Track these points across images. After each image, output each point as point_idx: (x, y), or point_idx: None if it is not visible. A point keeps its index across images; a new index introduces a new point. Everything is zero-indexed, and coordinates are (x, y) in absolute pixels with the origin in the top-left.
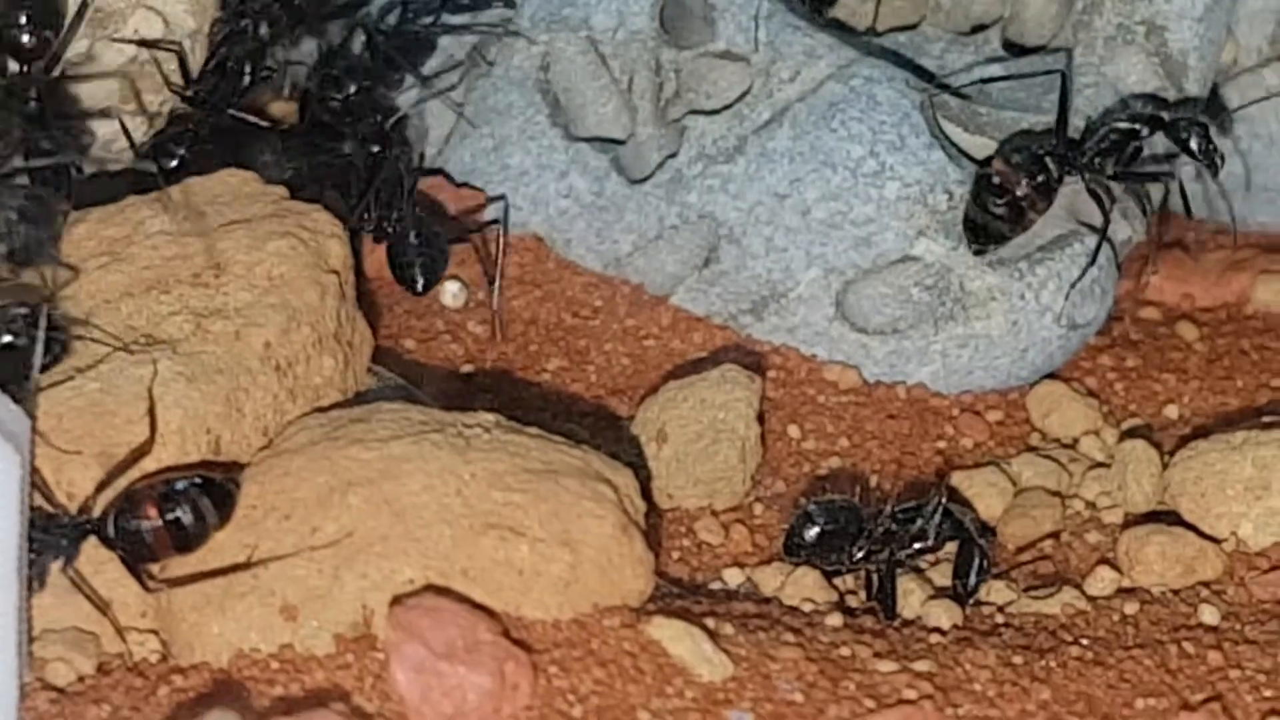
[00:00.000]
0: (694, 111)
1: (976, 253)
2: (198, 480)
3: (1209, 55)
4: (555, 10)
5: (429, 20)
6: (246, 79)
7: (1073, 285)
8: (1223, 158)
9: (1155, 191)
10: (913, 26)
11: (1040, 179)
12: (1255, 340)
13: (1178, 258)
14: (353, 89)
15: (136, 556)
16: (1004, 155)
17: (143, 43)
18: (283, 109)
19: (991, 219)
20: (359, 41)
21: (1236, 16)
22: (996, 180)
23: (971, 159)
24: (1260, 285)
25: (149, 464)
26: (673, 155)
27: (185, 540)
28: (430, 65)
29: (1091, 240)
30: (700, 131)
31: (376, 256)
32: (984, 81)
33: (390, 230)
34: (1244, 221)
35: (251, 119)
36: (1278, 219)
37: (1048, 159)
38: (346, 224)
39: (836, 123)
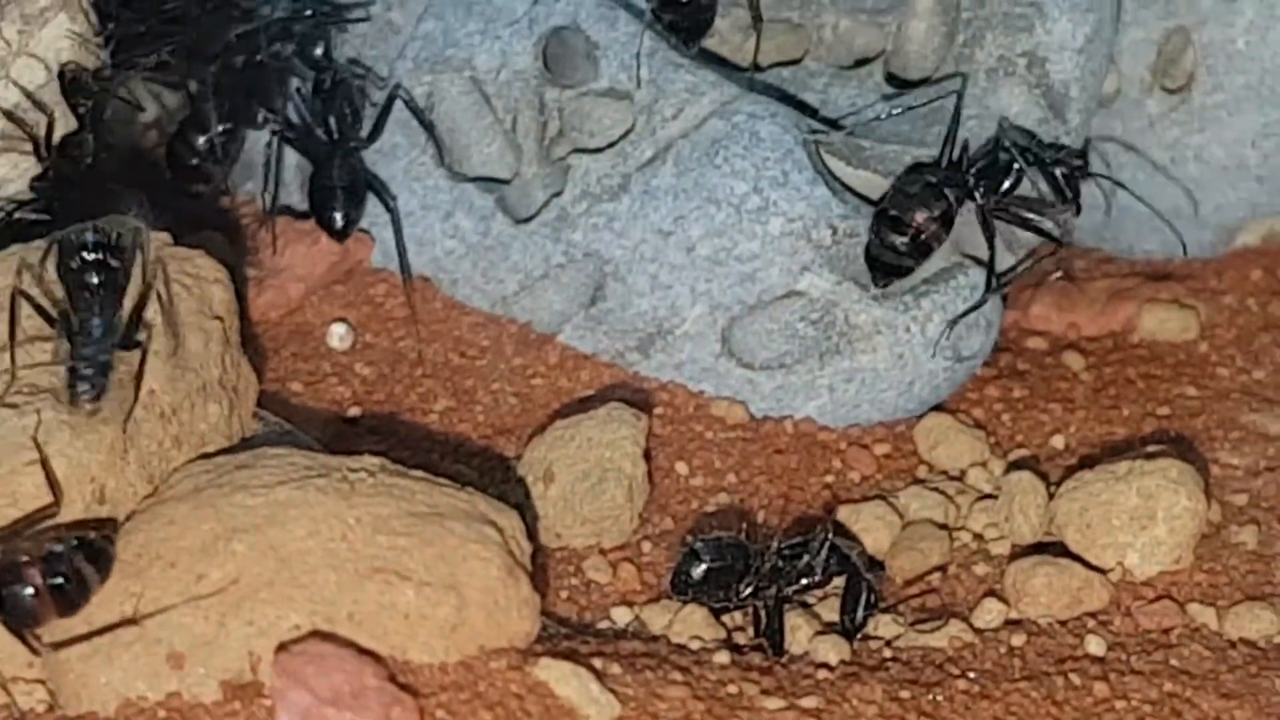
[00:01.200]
0: (578, 150)
1: (882, 287)
2: (75, 542)
3: (1090, 86)
4: (438, 51)
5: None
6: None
7: (958, 318)
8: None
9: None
10: (796, 61)
11: (939, 210)
12: (1141, 369)
13: (1064, 287)
14: (211, 135)
15: (19, 622)
16: (900, 190)
17: (9, 114)
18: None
19: (895, 254)
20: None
21: (1118, 47)
22: (894, 214)
23: (856, 193)
24: (1145, 314)
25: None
26: (558, 194)
27: (68, 603)
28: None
29: (975, 272)
30: (584, 170)
31: (261, 301)
32: (872, 121)
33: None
34: (1130, 250)
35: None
36: (1163, 247)
37: (945, 189)
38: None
39: (720, 159)
